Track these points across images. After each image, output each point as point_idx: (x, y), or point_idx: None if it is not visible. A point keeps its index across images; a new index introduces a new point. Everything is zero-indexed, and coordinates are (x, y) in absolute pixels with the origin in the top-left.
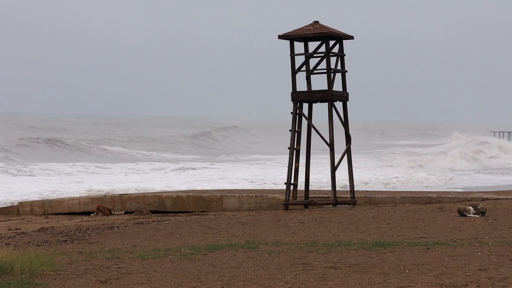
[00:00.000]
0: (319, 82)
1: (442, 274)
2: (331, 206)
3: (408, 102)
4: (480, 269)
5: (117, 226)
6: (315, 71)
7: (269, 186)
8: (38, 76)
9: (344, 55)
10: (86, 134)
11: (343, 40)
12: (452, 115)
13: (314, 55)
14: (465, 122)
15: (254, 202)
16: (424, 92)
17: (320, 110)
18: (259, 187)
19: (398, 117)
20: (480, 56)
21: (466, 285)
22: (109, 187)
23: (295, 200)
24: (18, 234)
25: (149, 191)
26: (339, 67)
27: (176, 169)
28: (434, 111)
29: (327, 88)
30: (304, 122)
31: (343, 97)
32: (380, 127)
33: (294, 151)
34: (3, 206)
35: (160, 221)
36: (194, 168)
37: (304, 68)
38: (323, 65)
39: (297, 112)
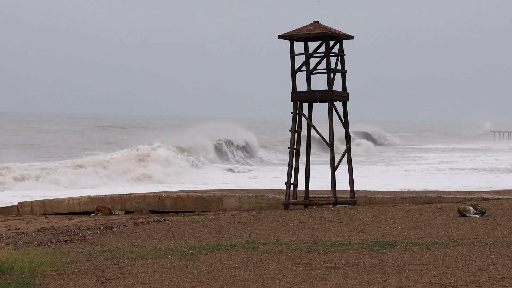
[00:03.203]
0: (319, 82)
1: (442, 274)
2: (331, 206)
3: (408, 102)
4: (480, 269)
5: (117, 226)
6: (315, 71)
7: None
8: (38, 76)
9: (344, 55)
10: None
11: (343, 40)
12: (452, 115)
13: (314, 55)
14: (465, 122)
15: (254, 202)
16: (424, 92)
17: (320, 110)
18: None
19: (398, 117)
20: (480, 56)
21: (466, 285)
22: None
23: (295, 200)
24: (18, 234)
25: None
26: (339, 67)
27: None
28: (434, 111)
29: (327, 88)
30: (304, 122)
31: (343, 97)
32: (384, 127)
33: (294, 151)
34: (3, 206)
35: (160, 221)
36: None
37: (304, 68)
38: (323, 65)
39: (297, 112)
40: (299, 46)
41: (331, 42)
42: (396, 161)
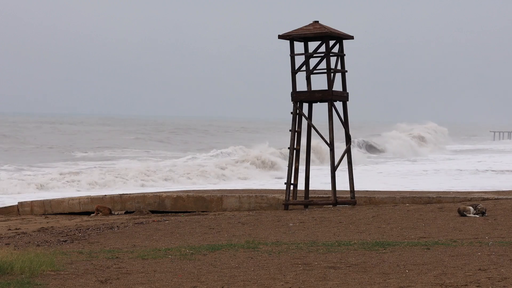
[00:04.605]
0: (319, 82)
1: (442, 274)
2: (331, 206)
3: (408, 102)
4: (480, 269)
5: (117, 226)
6: (315, 71)
7: None
8: (38, 76)
9: (344, 55)
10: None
11: (343, 40)
12: (452, 115)
13: (314, 55)
14: (465, 122)
15: (254, 202)
16: (424, 92)
17: (320, 110)
18: None
19: (398, 118)
20: (480, 56)
21: (466, 285)
22: None
23: (295, 200)
24: (18, 234)
25: None
26: (339, 67)
27: None
28: (434, 111)
29: (327, 88)
30: (304, 122)
31: (343, 97)
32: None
33: (294, 151)
34: (3, 206)
35: (160, 221)
36: None
37: (304, 68)
38: (323, 65)
39: (297, 112)
40: (299, 46)
41: (331, 42)
42: (398, 161)
